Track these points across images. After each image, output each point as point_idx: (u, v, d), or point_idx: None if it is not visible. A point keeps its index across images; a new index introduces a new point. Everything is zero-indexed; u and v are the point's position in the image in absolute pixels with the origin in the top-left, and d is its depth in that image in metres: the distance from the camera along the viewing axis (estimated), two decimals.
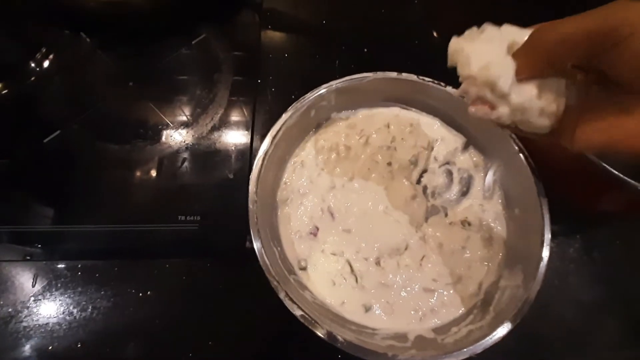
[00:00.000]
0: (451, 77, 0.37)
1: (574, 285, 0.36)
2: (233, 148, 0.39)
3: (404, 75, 0.37)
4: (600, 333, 0.35)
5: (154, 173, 0.37)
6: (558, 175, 0.33)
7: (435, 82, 0.37)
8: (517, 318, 0.28)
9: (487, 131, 0.36)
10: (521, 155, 0.34)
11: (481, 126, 0.37)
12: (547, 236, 0.31)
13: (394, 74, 0.37)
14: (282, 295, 0.28)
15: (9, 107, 0.40)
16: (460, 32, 0.27)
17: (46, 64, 0.42)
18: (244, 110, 0.41)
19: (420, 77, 0.37)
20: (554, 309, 0.34)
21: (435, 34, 0.51)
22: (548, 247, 0.30)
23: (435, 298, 0.32)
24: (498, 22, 0.25)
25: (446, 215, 0.36)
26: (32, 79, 0.42)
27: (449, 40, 0.26)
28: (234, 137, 0.39)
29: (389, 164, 0.37)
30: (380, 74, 0.37)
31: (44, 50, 0.42)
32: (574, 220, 0.37)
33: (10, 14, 0.44)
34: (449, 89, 0.37)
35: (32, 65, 0.42)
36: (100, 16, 0.42)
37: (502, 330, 0.28)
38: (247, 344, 0.32)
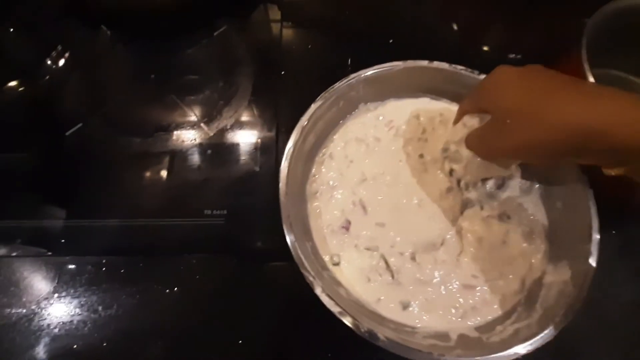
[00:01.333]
0: (481, 65, 0.36)
1: (620, 281, 0.34)
2: (258, 141, 0.38)
3: (435, 63, 0.36)
4: None
5: (177, 166, 0.36)
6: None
7: (469, 70, 0.36)
8: (569, 316, 0.26)
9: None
10: None
11: None
12: (595, 229, 0.29)
13: (424, 62, 0.36)
14: (318, 291, 0.26)
15: (30, 101, 0.40)
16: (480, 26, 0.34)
17: (66, 56, 0.42)
18: (268, 103, 0.40)
19: (452, 65, 0.36)
20: (600, 306, 0.33)
21: (455, 27, 0.50)
22: (597, 242, 0.28)
23: (475, 295, 0.30)
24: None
25: (482, 208, 0.34)
26: (52, 72, 0.41)
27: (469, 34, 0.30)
28: (259, 130, 0.38)
29: (421, 156, 0.35)
30: (410, 63, 0.36)
31: (63, 44, 0.42)
32: (619, 212, 0.35)
33: (28, 10, 0.44)
34: (482, 77, 0.36)
35: (52, 57, 0.42)
36: (121, 9, 0.41)
37: (553, 329, 0.26)
38: (278, 343, 0.31)
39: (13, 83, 0.41)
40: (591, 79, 0.32)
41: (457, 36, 0.49)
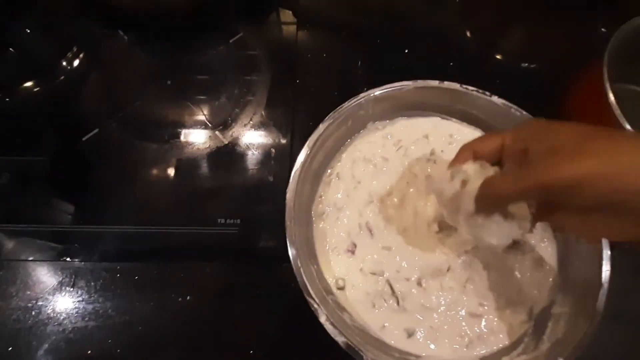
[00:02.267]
0: (493, 85, 0.35)
1: (632, 306, 0.33)
2: (273, 149, 0.38)
3: (446, 83, 0.36)
4: None
5: (192, 174, 0.36)
6: None
7: (480, 91, 0.35)
8: (578, 351, 0.26)
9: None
10: None
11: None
12: (606, 259, 0.28)
13: (435, 83, 0.36)
14: (323, 320, 0.26)
15: (46, 105, 0.40)
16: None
17: (82, 61, 0.42)
18: (283, 110, 0.40)
19: (464, 86, 0.35)
20: (612, 332, 0.32)
21: (471, 35, 0.50)
22: (608, 272, 0.28)
23: (482, 324, 0.30)
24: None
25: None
26: (67, 73, 0.42)
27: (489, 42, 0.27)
28: (274, 138, 0.39)
29: (428, 177, 0.35)
30: (420, 83, 0.36)
31: (77, 47, 0.42)
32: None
33: (44, 11, 0.44)
34: (495, 98, 0.35)
35: (68, 58, 0.42)
36: (138, 13, 0.42)
37: None
38: (290, 352, 0.31)
39: (29, 83, 0.41)
40: (611, 96, 0.32)
41: (471, 43, 0.49)
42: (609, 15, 0.39)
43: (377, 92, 0.35)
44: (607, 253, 0.29)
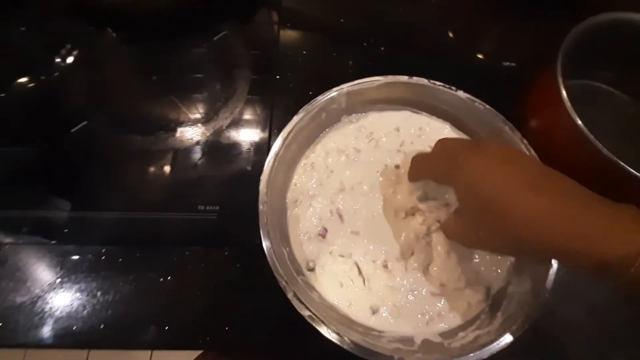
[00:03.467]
0: (463, 80, 0.38)
1: (584, 287, 0.35)
2: (252, 142, 0.40)
3: (415, 79, 0.38)
4: (610, 335, 0.34)
5: (175, 164, 0.39)
6: (568, 174, 0.32)
7: (447, 86, 0.37)
8: (525, 324, 0.28)
9: (498, 134, 0.36)
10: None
11: (492, 129, 0.37)
12: None
13: (404, 78, 0.38)
14: (290, 296, 0.28)
15: (36, 99, 0.42)
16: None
17: (72, 57, 0.44)
18: (263, 105, 0.42)
19: (432, 82, 0.38)
20: (564, 312, 0.34)
21: (450, 35, 0.52)
22: None
23: (442, 303, 0.32)
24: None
25: None
26: (61, 69, 0.43)
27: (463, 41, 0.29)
28: (253, 132, 0.41)
29: (397, 166, 0.37)
30: (390, 78, 0.38)
31: (70, 45, 0.44)
32: None
33: (38, 11, 0.46)
34: (460, 93, 0.37)
35: (58, 59, 0.44)
36: (126, 12, 0.44)
37: (509, 336, 0.28)
38: (260, 333, 0.33)
39: (23, 79, 0.43)
40: (563, 92, 0.34)
41: (446, 42, 0.51)
42: (580, 12, 0.41)
43: (349, 86, 0.37)
44: None
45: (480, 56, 0.51)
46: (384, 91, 0.38)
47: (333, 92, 0.37)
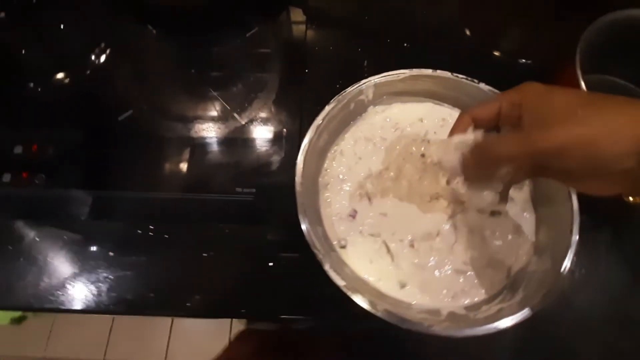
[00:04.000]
0: (480, 77, 0.40)
1: (602, 272, 0.37)
2: (284, 130, 0.43)
3: (439, 72, 0.40)
4: (626, 319, 0.36)
5: (214, 149, 0.42)
6: None
7: (469, 79, 0.40)
8: (547, 298, 0.30)
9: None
10: None
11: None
12: (576, 225, 0.32)
13: (429, 71, 0.40)
14: (326, 267, 0.31)
15: (89, 89, 0.46)
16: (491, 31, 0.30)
17: (108, 53, 0.48)
18: (293, 97, 0.45)
19: (455, 74, 0.40)
20: (582, 295, 0.36)
21: (467, 32, 0.54)
22: (577, 234, 0.32)
23: (466, 279, 0.34)
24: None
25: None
26: (94, 67, 0.48)
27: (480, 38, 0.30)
28: (285, 121, 0.44)
29: (423, 155, 0.39)
30: (415, 71, 0.40)
31: (107, 41, 0.48)
32: (602, 209, 0.39)
33: (80, 8, 0.50)
34: (482, 85, 0.39)
35: (96, 53, 0.48)
36: (165, 10, 0.48)
37: (529, 310, 0.30)
38: (295, 306, 0.36)
39: (60, 75, 0.47)
40: (583, 86, 0.36)
41: (468, 39, 0.53)
42: (595, 12, 0.43)
43: (376, 79, 0.39)
44: (577, 222, 0.33)
45: (496, 53, 0.53)
46: (409, 83, 0.40)
47: (361, 84, 0.39)
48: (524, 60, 0.51)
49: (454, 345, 0.34)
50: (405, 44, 0.50)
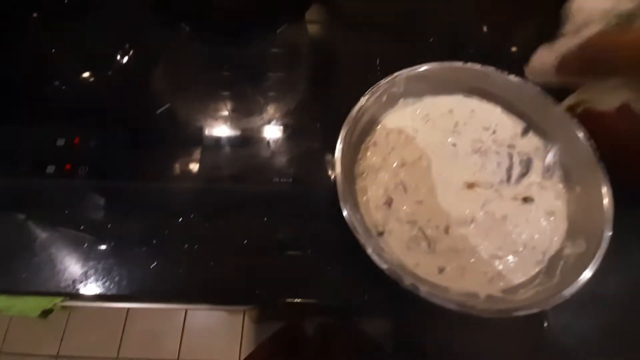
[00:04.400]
0: (509, 65, 0.41)
1: (637, 255, 0.38)
2: (317, 122, 0.44)
3: (469, 64, 0.41)
4: None
5: (250, 141, 0.43)
6: (620, 154, 0.35)
7: (498, 70, 0.41)
8: (582, 283, 0.31)
9: (548, 116, 0.39)
10: (583, 136, 0.37)
11: (542, 111, 0.40)
12: (610, 208, 0.33)
13: (459, 64, 0.41)
14: (369, 251, 0.32)
15: (127, 83, 0.48)
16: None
17: (131, 54, 0.50)
18: (324, 91, 0.47)
19: (484, 66, 0.41)
20: (617, 278, 0.37)
21: (485, 29, 0.55)
22: (611, 218, 0.33)
23: (501, 264, 0.35)
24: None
25: (508, 193, 0.39)
26: (118, 67, 0.49)
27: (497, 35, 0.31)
28: (317, 113, 0.45)
29: (454, 145, 0.40)
30: (446, 64, 0.41)
31: (151, 38, 0.51)
32: (636, 193, 0.39)
33: (108, 9, 0.52)
34: (511, 76, 0.40)
35: (120, 54, 0.50)
36: (198, 9, 0.49)
37: (568, 292, 0.31)
38: (336, 292, 0.36)
39: (96, 72, 0.49)
40: None
41: (487, 37, 0.54)
42: None
43: (408, 71, 0.41)
44: (610, 206, 0.33)
45: (514, 49, 0.54)
46: (440, 76, 0.41)
47: (394, 76, 0.40)
48: None
49: (491, 328, 0.35)
50: (430, 39, 0.51)
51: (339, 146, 0.37)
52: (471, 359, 0.37)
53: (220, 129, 0.44)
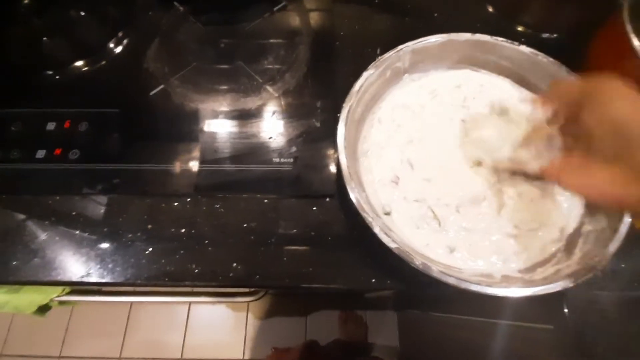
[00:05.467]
0: (521, 38, 0.38)
1: None
2: (317, 100, 0.42)
3: (477, 35, 0.39)
4: None
5: (249, 122, 0.41)
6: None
7: (509, 41, 0.38)
8: (606, 258, 0.29)
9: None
10: None
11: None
12: None
13: (467, 35, 0.39)
14: (377, 230, 0.30)
15: (120, 66, 0.46)
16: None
17: (147, 30, 0.48)
18: (325, 68, 0.44)
19: (494, 37, 0.39)
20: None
21: (490, 9, 0.53)
22: None
23: (517, 243, 0.33)
24: None
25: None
26: (136, 43, 0.48)
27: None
28: (318, 92, 0.43)
29: (464, 121, 0.38)
30: (453, 35, 0.39)
31: (143, 18, 0.48)
32: None
33: None
34: (523, 47, 0.38)
35: (114, 42, 0.48)
36: None
37: (593, 268, 0.29)
38: (340, 274, 0.35)
39: (79, 62, 0.47)
40: (635, 41, 0.34)
41: (493, 17, 0.52)
42: None
43: (414, 44, 0.38)
44: None
45: (520, 29, 0.51)
46: (447, 48, 0.39)
47: (399, 50, 0.38)
48: (547, 35, 0.50)
49: (505, 308, 0.33)
50: (435, 14, 0.49)
51: (341, 123, 0.35)
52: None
53: (218, 110, 0.42)
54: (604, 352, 0.31)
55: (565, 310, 0.32)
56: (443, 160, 0.37)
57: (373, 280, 0.34)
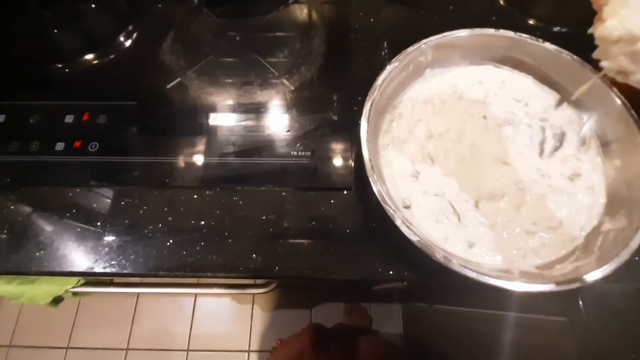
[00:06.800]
0: (532, 31, 0.38)
1: None
2: (334, 94, 0.42)
3: (501, 31, 0.39)
4: None
5: (265, 115, 0.42)
6: None
7: (533, 38, 0.38)
8: (626, 256, 0.29)
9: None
10: (622, 106, 0.34)
11: (578, 81, 0.37)
12: None
13: (491, 30, 0.39)
14: (399, 223, 0.30)
15: (132, 59, 0.46)
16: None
17: (162, 23, 0.48)
18: (341, 62, 0.44)
19: (518, 34, 0.39)
20: None
21: (501, 2, 0.52)
22: None
23: (536, 240, 0.33)
24: None
25: (542, 167, 0.37)
26: (151, 36, 0.48)
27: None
28: (334, 85, 0.43)
29: (484, 117, 0.38)
30: (477, 30, 0.39)
31: (160, 12, 0.48)
32: None
33: None
34: (547, 44, 0.38)
35: (124, 36, 0.48)
36: None
37: (612, 264, 0.29)
38: (358, 265, 0.35)
39: (90, 55, 0.47)
40: None
41: (504, 10, 0.51)
42: None
43: (437, 38, 0.38)
44: None
45: (531, 22, 0.51)
46: (470, 43, 0.39)
47: (421, 44, 0.38)
48: (558, 28, 0.50)
49: (518, 301, 0.33)
50: (450, 7, 0.49)
51: (364, 117, 0.35)
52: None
53: (234, 103, 0.42)
54: (617, 344, 0.32)
55: (580, 303, 0.32)
56: (463, 155, 0.37)
57: (391, 272, 0.34)
